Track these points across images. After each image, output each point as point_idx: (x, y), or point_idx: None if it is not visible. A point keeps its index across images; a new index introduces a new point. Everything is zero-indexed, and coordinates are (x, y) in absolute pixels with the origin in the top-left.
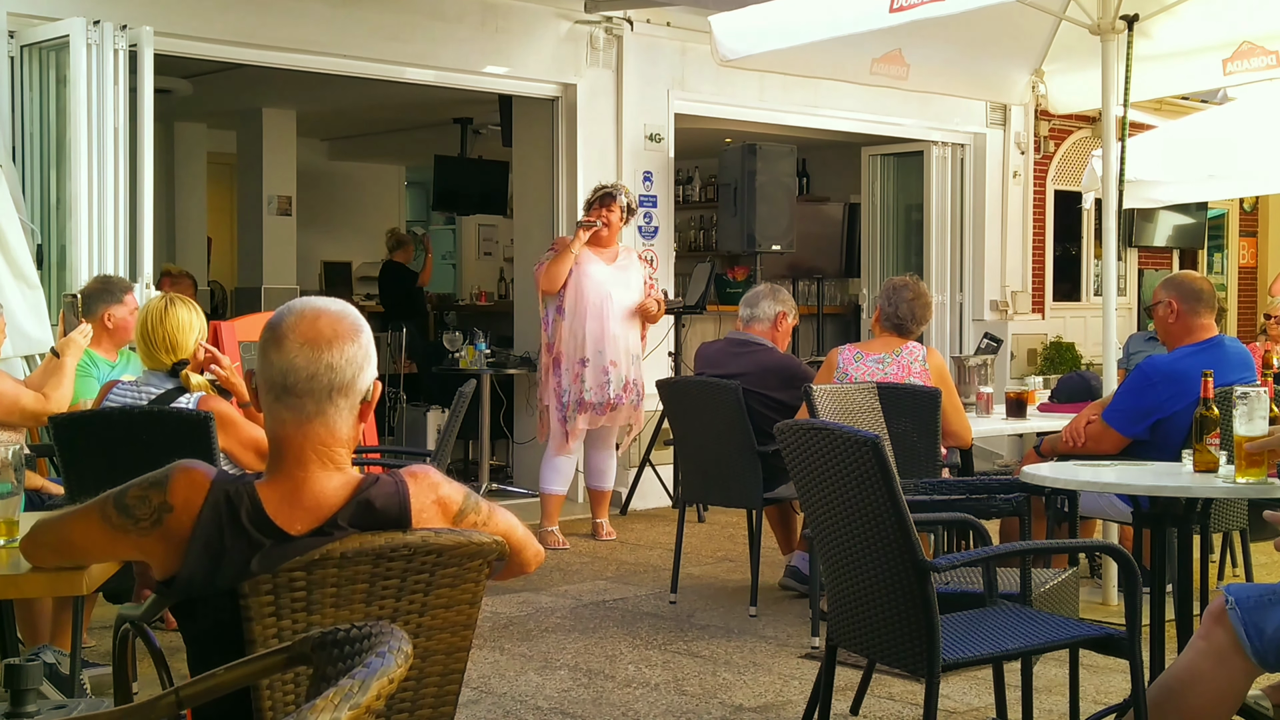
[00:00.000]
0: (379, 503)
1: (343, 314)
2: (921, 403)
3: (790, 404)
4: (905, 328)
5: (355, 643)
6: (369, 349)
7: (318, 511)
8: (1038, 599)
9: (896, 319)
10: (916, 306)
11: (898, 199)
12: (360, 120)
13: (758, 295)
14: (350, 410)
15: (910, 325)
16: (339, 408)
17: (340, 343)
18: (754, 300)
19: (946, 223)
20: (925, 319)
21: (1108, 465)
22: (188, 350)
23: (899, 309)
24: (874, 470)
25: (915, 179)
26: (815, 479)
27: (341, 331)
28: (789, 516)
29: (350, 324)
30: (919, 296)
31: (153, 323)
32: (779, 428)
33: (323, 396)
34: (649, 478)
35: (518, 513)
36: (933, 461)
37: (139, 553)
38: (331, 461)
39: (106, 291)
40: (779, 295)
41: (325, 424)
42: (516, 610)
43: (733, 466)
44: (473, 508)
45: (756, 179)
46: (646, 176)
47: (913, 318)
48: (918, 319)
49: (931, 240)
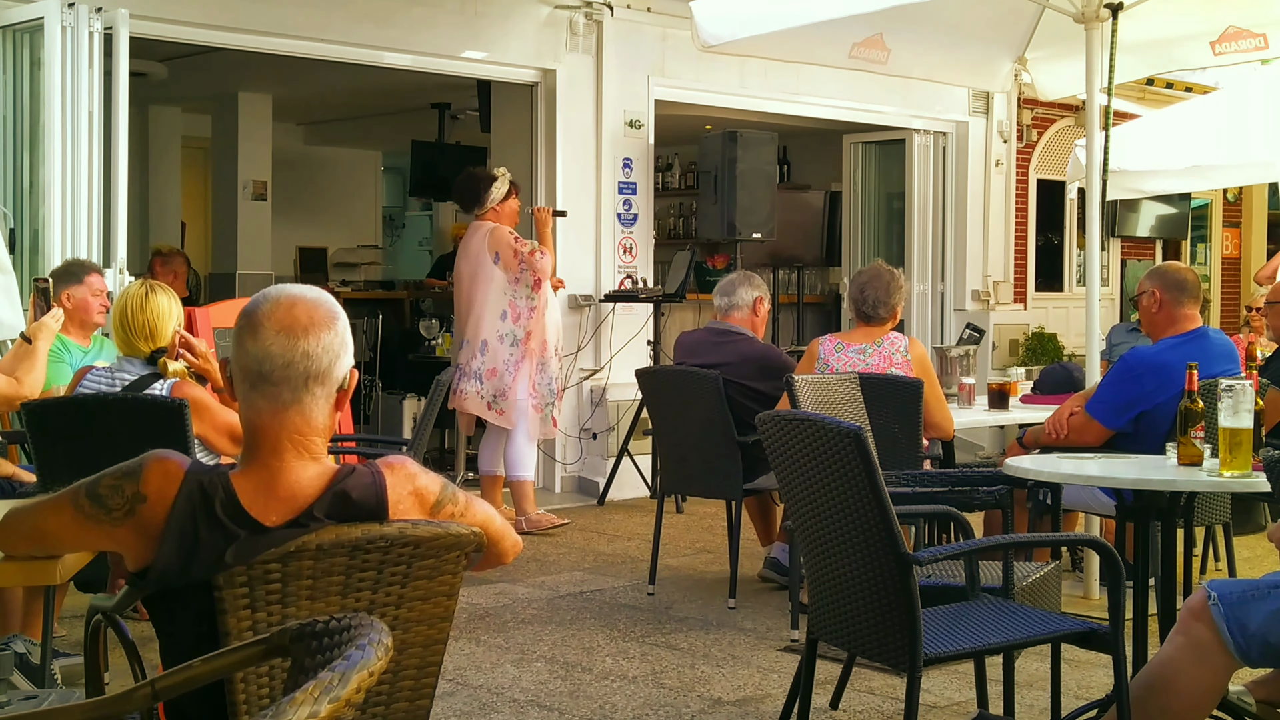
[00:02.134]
0: (355, 494)
1: (319, 301)
2: (903, 394)
3: (771, 395)
4: (875, 315)
5: (335, 634)
6: (345, 336)
7: (293, 502)
8: (1020, 593)
9: (864, 306)
10: (880, 291)
11: (879, 187)
12: (337, 105)
13: (733, 283)
14: (327, 399)
15: (880, 312)
16: (315, 396)
17: (317, 330)
18: (729, 288)
19: (929, 211)
20: (894, 303)
21: (1091, 458)
22: (166, 338)
23: (865, 295)
24: (856, 462)
25: (897, 167)
26: (797, 470)
27: (318, 319)
28: (769, 508)
29: (326, 311)
30: (880, 278)
31: (133, 310)
32: (760, 418)
33: (299, 385)
34: (627, 468)
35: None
36: (915, 453)
37: (112, 543)
38: (307, 451)
39: (68, 273)
40: (753, 280)
41: (301, 413)
42: (493, 601)
43: (712, 457)
44: (450, 498)
45: (737, 166)
46: (626, 163)
47: (879, 303)
48: (885, 304)
49: (913, 229)
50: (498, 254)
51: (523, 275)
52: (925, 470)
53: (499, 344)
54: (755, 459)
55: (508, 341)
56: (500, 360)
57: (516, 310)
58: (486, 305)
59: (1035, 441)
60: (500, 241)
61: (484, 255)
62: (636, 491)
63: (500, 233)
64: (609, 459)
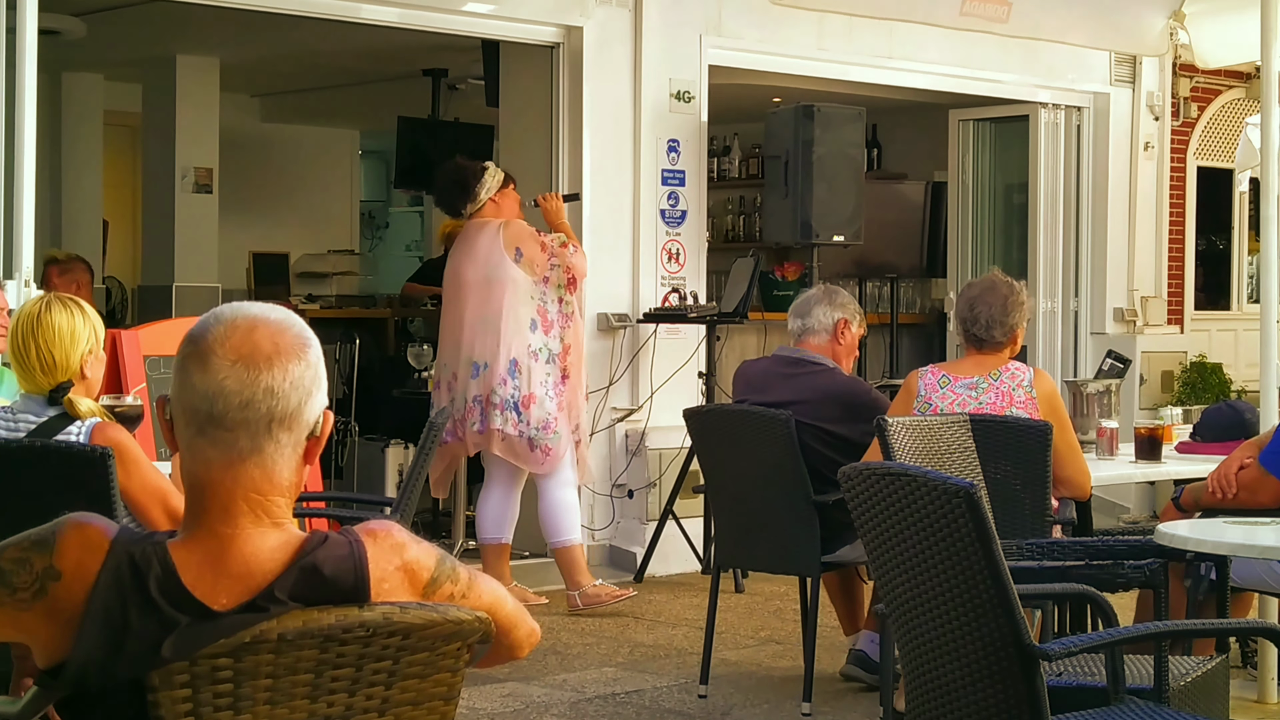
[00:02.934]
0: (328, 569)
1: (285, 324)
2: (1027, 441)
3: (857, 441)
4: (989, 339)
5: None
6: (319, 369)
7: (249, 580)
8: (1176, 695)
9: (975, 328)
10: (996, 308)
11: (995, 177)
12: (303, 72)
13: (809, 301)
14: (294, 448)
15: (996, 335)
16: (280, 445)
17: (283, 360)
18: (805, 308)
19: (1058, 208)
20: (1014, 323)
21: (1267, 523)
22: (72, 368)
23: (977, 314)
24: (967, 527)
25: (1018, 151)
26: (890, 538)
27: (285, 346)
28: (854, 586)
29: (295, 337)
30: (995, 292)
31: (24, 334)
32: (844, 472)
33: (260, 430)
34: (672, 534)
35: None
36: (1041, 516)
37: (17, 631)
38: (268, 515)
39: None
40: (837, 299)
41: (262, 465)
42: (501, 706)
43: (781, 521)
44: (449, 575)
45: (814, 150)
46: (672, 146)
47: (995, 324)
48: (1003, 325)
49: (1039, 231)
50: (519, 250)
51: (553, 274)
52: (1055, 539)
53: (533, 362)
54: (837, 524)
55: (543, 358)
56: (537, 383)
57: (548, 319)
58: (510, 315)
59: (1196, 502)
60: (520, 235)
61: (498, 254)
62: (684, 565)
63: (517, 226)
64: (649, 523)
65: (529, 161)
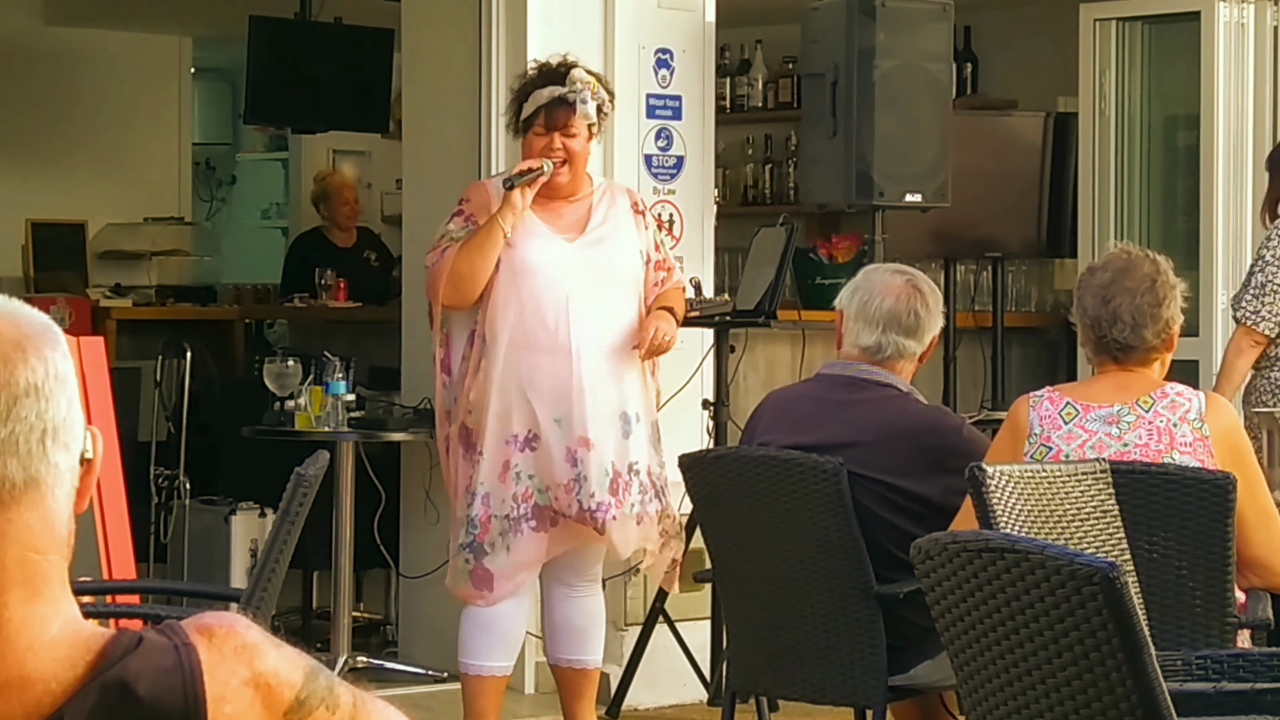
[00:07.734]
0: (144, 687)
1: (16, 306)
2: (1197, 501)
3: (940, 502)
4: (1133, 345)
5: None
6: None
7: (23, 696)
8: None
9: (1112, 329)
10: (1142, 298)
11: (1150, 106)
12: None
13: (908, 302)
14: (71, 478)
15: (1146, 336)
16: (59, 472)
17: (38, 348)
18: (909, 316)
19: (1244, 154)
20: (1172, 318)
21: None
22: None
23: (1113, 308)
24: (1105, 629)
25: (1184, 68)
26: (990, 645)
27: (32, 332)
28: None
29: (36, 318)
30: (1134, 272)
31: None
32: (921, 546)
33: (33, 449)
34: (663, 646)
35: (410, 710)
36: (1220, 615)
37: None
38: (45, 587)
39: None
40: (937, 301)
41: (38, 506)
42: None
43: (829, 625)
44: (323, 696)
45: (876, 65)
46: (662, 60)
47: (1142, 322)
48: (1153, 324)
49: (1215, 188)
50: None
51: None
52: (1241, 650)
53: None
54: (911, 628)
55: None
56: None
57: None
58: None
59: None
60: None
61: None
62: (681, 691)
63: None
64: (628, 629)
65: (446, 86)
